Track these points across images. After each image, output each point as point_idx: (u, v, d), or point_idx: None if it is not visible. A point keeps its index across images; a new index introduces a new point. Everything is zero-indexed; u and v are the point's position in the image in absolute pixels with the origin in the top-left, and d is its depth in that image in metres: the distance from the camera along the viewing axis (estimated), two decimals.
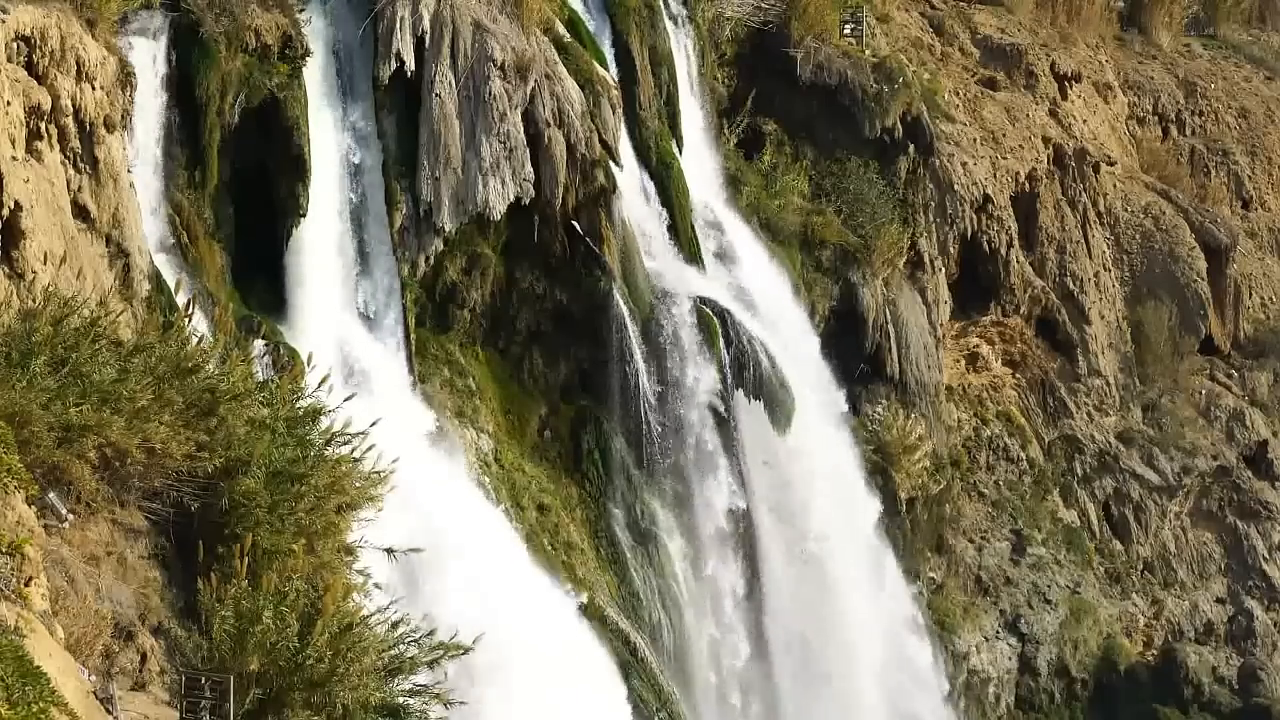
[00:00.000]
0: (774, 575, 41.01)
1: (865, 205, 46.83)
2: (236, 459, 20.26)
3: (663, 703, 36.57)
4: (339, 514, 21.19)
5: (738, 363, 40.07)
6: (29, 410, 18.41)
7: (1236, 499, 55.07)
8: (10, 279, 25.85)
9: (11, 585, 15.76)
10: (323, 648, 18.51)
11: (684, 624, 38.97)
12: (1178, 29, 65.71)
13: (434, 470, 33.35)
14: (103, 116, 29.17)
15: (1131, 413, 54.55)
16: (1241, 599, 54.06)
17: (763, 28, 47.79)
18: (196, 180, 32.86)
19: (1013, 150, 52.43)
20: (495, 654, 23.60)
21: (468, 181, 36.25)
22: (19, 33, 27.42)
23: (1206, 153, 62.31)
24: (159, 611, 19.35)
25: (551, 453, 38.82)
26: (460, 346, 37.79)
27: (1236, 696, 52.07)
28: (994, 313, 51.67)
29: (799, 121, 47.92)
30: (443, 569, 29.81)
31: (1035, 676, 49.34)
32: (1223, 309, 57.29)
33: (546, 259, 38.22)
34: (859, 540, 43.33)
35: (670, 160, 41.97)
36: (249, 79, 33.35)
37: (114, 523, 19.68)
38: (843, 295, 45.88)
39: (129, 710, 17.03)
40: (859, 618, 42.58)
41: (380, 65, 35.61)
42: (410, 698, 19.77)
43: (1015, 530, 50.58)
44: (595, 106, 38.38)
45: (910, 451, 45.98)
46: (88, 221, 28.91)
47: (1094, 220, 54.68)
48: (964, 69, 55.15)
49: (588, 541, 38.06)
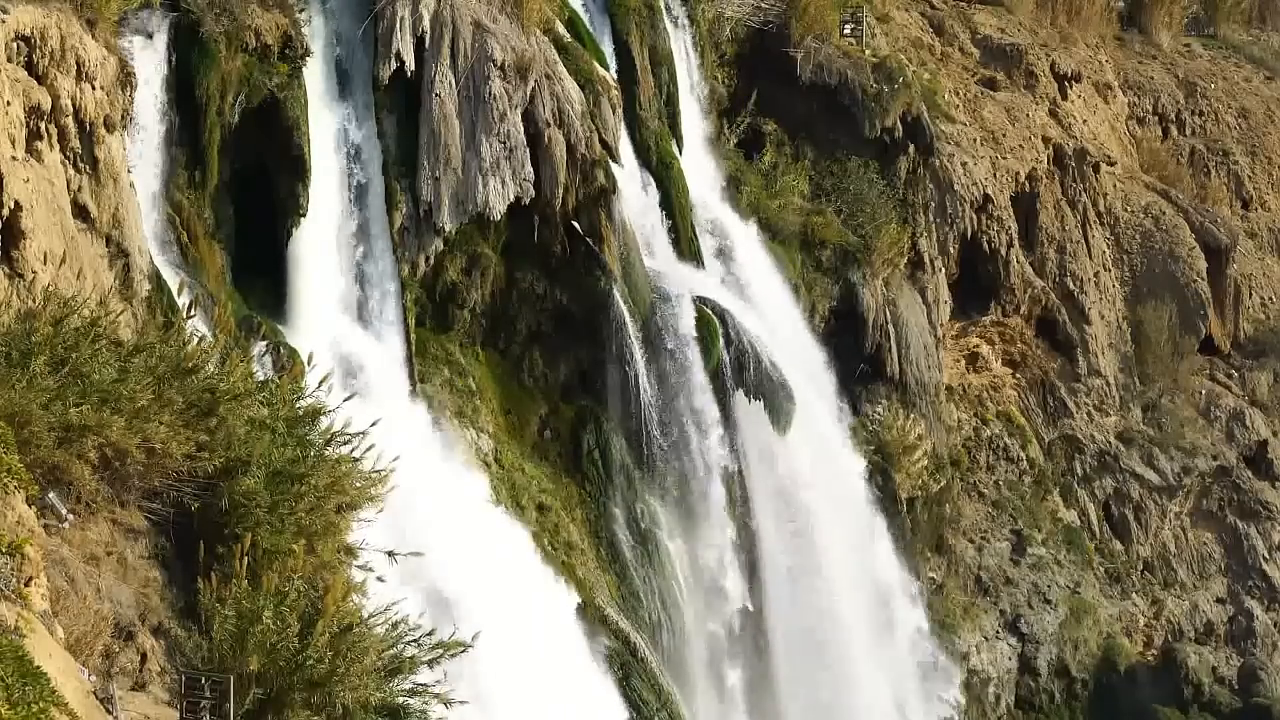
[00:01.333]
0: (774, 575, 40.99)
1: (865, 205, 46.83)
2: (236, 459, 20.27)
3: (663, 703, 36.56)
4: (339, 514, 21.20)
5: (738, 363, 40.06)
6: (29, 410, 18.42)
7: (1236, 499, 55.07)
8: (10, 279, 25.83)
9: (11, 585, 15.76)
10: (323, 648, 18.52)
11: (684, 624, 38.97)
12: (1178, 29, 65.70)
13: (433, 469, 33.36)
14: (103, 116, 29.15)
15: (1131, 413, 54.55)
16: (1241, 599, 54.06)
17: (763, 28, 47.78)
18: (196, 180, 32.85)
19: (1013, 150, 52.43)
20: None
21: (468, 181, 36.24)
22: (19, 33, 27.41)
23: (1206, 153, 62.30)
24: (159, 611, 19.35)
25: (551, 453, 38.80)
26: (460, 346, 37.78)
27: (1236, 696, 52.07)
28: (994, 313, 51.66)
29: (799, 121, 47.92)
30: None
31: (1035, 676, 49.34)
32: (1223, 309, 57.29)
33: (546, 259, 38.21)
34: (859, 539, 43.32)
35: (670, 160, 41.97)
36: (249, 79, 33.34)
37: (114, 523, 19.68)
38: (843, 295, 45.88)
39: (129, 710, 17.02)
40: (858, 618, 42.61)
41: (380, 65, 35.60)
42: (410, 698, 19.78)
43: (1015, 530, 50.58)
44: (595, 106, 38.37)
45: (910, 451, 45.97)
46: (88, 221, 28.90)
47: (1094, 220, 54.68)
48: (964, 69, 55.15)
49: (588, 541, 38.05)
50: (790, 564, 41.31)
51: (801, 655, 41.17)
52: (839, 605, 42.06)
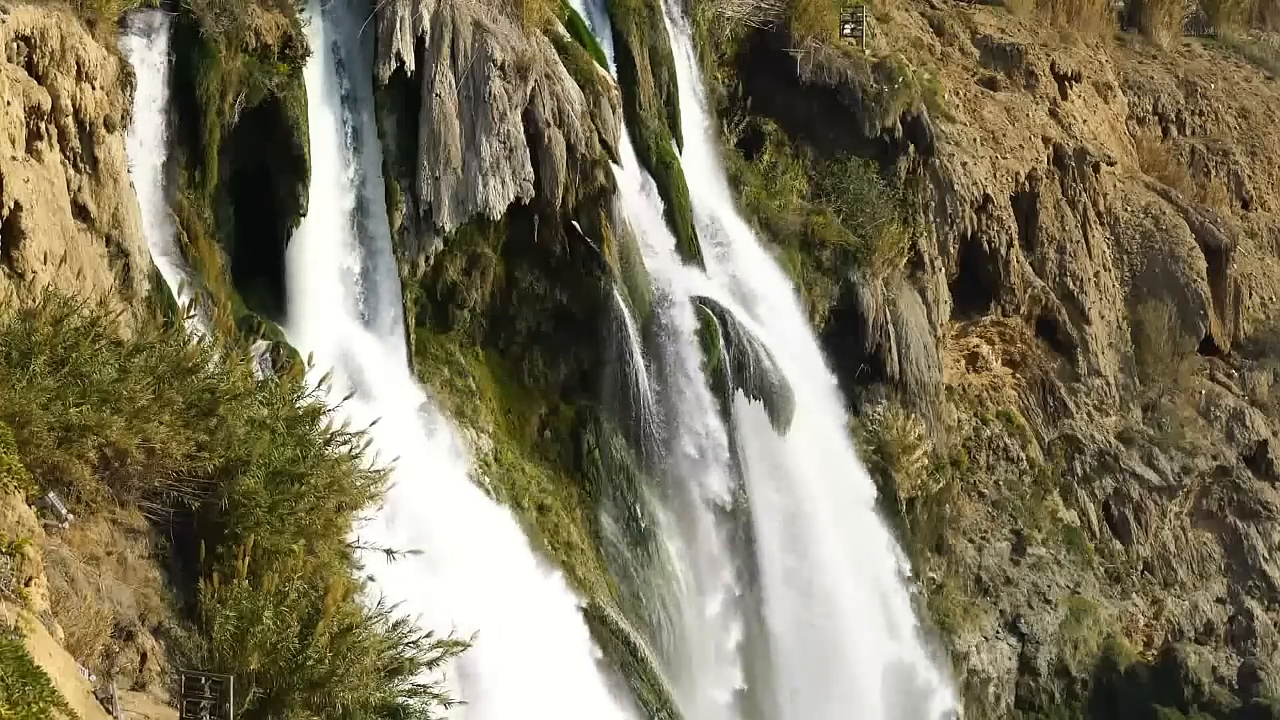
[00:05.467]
0: (774, 575, 41.00)
1: (865, 205, 46.84)
2: (236, 459, 20.24)
3: (662, 703, 36.57)
4: (339, 513, 21.19)
5: (738, 363, 40.07)
6: (29, 410, 18.40)
7: (1236, 499, 55.07)
8: (10, 279, 25.85)
9: (11, 585, 15.75)
10: (323, 648, 18.51)
11: (684, 624, 38.98)
12: (1178, 29, 65.69)
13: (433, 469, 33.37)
14: (103, 116, 29.16)
15: (1131, 413, 54.54)
16: (1241, 599, 54.06)
17: (763, 28, 47.79)
18: (196, 180, 32.86)
19: (1013, 150, 52.43)
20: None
21: (468, 181, 36.25)
22: (19, 33, 27.42)
23: (1206, 153, 62.29)
24: (159, 611, 19.34)
25: (551, 453, 38.82)
26: (460, 346, 37.78)
27: (1236, 696, 52.06)
28: (994, 313, 51.65)
29: (799, 121, 47.93)
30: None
31: (1035, 676, 49.34)
32: (1223, 309, 57.28)
33: (546, 259, 38.22)
34: (858, 537, 43.33)
35: (670, 160, 41.97)
36: (249, 79, 33.35)
37: (114, 523, 19.66)
38: (843, 295, 45.89)
39: (129, 710, 17.01)
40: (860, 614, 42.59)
41: (380, 65, 35.61)
42: (410, 698, 19.77)
43: (1015, 530, 50.59)
44: (595, 106, 38.39)
45: (910, 451, 45.97)
46: (88, 221, 28.91)
47: (1094, 220, 54.68)
48: (964, 69, 55.15)
49: (588, 542, 38.06)
50: (790, 564, 41.32)
51: (801, 655, 41.20)
52: (839, 604, 42.07)
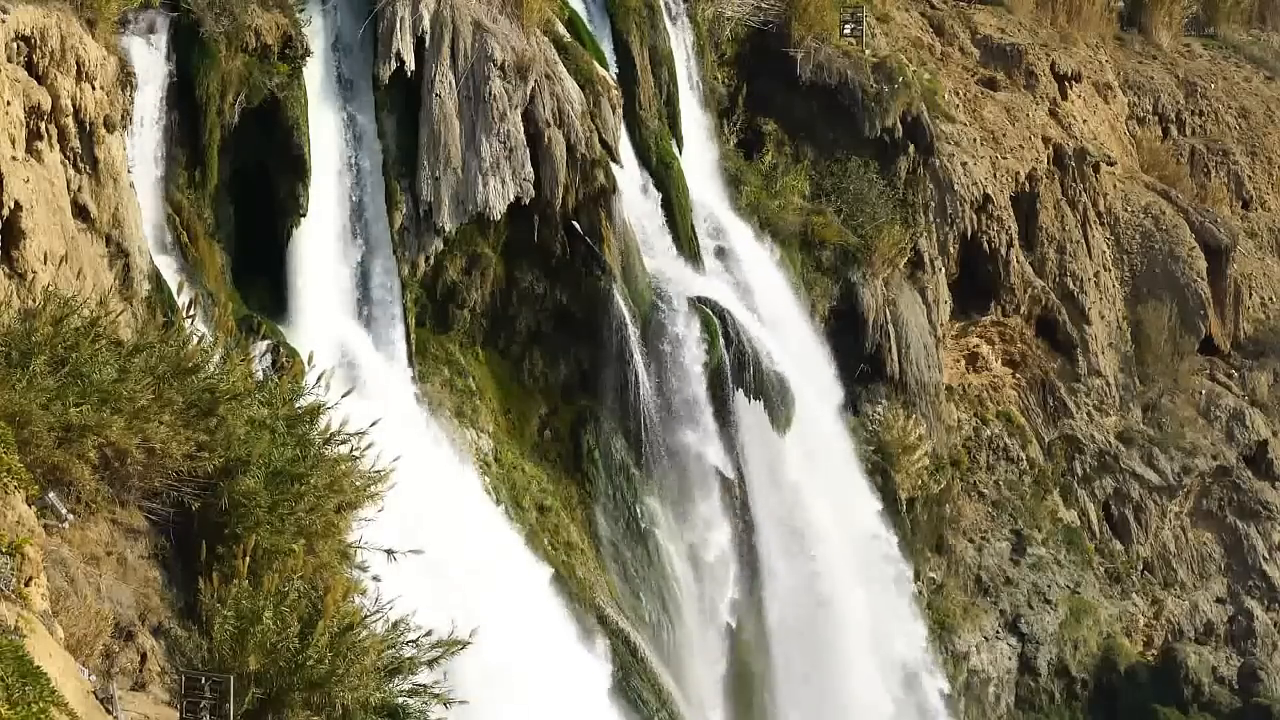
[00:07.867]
0: (773, 574, 41.00)
1: (865, 205, 46.84)
2: (236, 459, 20.24)
3: (662, 703, 36.57)
4: (338, 513, 21.17)
5: (738, 362, 40.07)
6: (29, 410, 18.40)
7: (1236, 499, 55.06)
8: (10, 279, 25.86)
9: (11, 585, 15.75)
10: (323, 648, 18.49)
11: (684, 623, 38.98)
12: (1178, 29, 65.69)
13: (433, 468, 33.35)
14: (103, 116, 29.18)
15: (1131, 413, 54.54)
16: (1241, 599, 54.05)
17: (763, 28, 47.80)
18: (196, 180, 32.88)
19: (1013, 150, 52.42)
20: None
21: (468, 181, 36.26)
22: (19, 33, 27.42)
23: (1206, 153, 62.29)
24: (159, 611, 19.33)
25: (551, 453, 38.82)
26: (460, 346, 37.79)
27: (1236, 696, 52.06)
28: (994, 313, 51.65)
29: (799, 121, 47.94)
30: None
31: (1035, 676, 49.33)
32: (1223, 309, 57.29)
33: (546, 259, 38.22)
34: (858, 536, 43.33)
35: (670, 160, 41.97)
36: (249, 79, 33.37)
37: (114, 523, 19.66)
38: (843, 295, 45.88)
39: (129, 710, 17.01)
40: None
41: (380, 65, 35.62)
42: (410, 698, 19.76)
43: (1015, 530, 50.57)
44: (595, 106, 38.39)
45: (910, 451, 45.96)
46: (88, 221, 28.92)
47: (1094, 220, 54.67)
48: (964, 69, 55.14)
49: (588, 541, 38.06)
50: (789, 564, 41.33)
51: (800, 654, 41.20)
52: (839, 604, 42.07)
